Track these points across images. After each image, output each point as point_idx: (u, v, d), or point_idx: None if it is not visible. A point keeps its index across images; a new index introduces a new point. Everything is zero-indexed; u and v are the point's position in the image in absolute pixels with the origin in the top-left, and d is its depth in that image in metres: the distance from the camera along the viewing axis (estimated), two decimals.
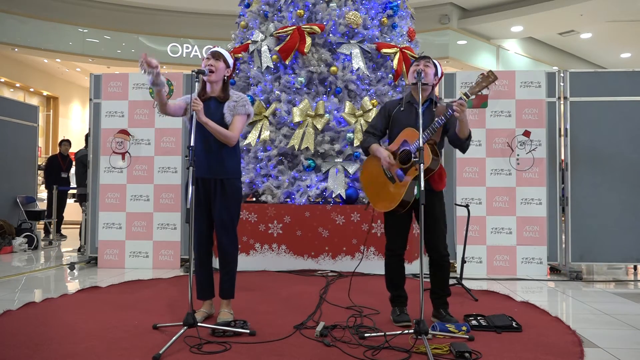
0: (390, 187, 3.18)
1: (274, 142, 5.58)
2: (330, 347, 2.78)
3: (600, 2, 11.37)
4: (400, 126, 3.26)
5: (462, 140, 3.17)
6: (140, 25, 13.36)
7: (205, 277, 3.35)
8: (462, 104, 2.99)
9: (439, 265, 3.26)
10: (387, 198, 3.19)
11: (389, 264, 3.35)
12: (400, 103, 3.35)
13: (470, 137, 3.21)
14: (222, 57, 3.27)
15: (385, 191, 3.21)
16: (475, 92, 3.11)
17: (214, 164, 3.21)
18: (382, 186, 3.23)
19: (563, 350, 2.77)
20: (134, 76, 5.84)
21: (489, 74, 3.09)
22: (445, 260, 3.26)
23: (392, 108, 3.38)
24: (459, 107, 2.98)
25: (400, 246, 3.29)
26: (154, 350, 2.63)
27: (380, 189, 3.24)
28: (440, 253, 3.23)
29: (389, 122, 3.37)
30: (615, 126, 5.40)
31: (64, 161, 8.83)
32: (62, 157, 8.86)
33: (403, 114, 3.29)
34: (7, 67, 13.33)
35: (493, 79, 3.09)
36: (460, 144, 3.21)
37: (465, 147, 3.24)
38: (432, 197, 3.19)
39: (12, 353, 2.64)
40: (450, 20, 12.86)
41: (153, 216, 5.63)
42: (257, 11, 6.07)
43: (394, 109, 3.36)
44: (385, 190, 3.21)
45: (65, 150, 8.96)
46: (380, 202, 3.24)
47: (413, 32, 6.20)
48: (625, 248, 5.33)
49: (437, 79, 3.35)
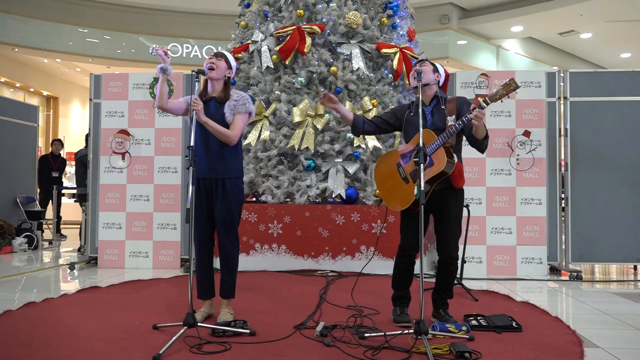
0: (404, 187, 3.18)
1: (274, 142, 5.58)
2: (330, 347, 2.78)
3: (600, 2, 11.37)
4: (413, 129, 3.23)
5: (479, 141, 3.15)
6: (140, 25, 13.36)
7: (205, 277, 3.34)
8: (479, 114, 2.93)
9: (446, 267, 3.23)
10: (400, 197, 3.18)
11: (399, 264, 3.32)
12: (410, 108, 3.34)
13: (487, 136, 3.17)
14: (224, 57, 3.28)
15: (399, 191, 3.20)
16: (495, 99, 3.01)
17: (215, 164, 3.21)
18: (396, 186, 3.23)
19: (563, 350, 2.77)
20: (134, 76, 5.84)
21: (510, 82, 2.99)
22: (454, 264, 3.24)
23: (402, 112, 3.37)
24: (476, 117, 2.93)
25: (413, 247, 3.25)
26: (154, 350, 2.62)
27: (394, 188, 3.24)
28: (450, 255, 3.20)
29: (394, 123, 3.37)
30: (615, 126, 5.40)
31: (54, 161, 8.91)
32: (53, 157, 8.96)
33: (415, 117, 3.25)
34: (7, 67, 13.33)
35: (514, 87, 2.98)
36: (478, 144, 3.18)
37: (484, 147, 3.21)
38: (450, 195, 3.18)
39: (12, 353, 2.64)
40: (450, 20, 12.86)
41: (153, 216, 5.63)
42: (257, 11, 6.07)
43: (404, 114, 3.35)
44: (399, 190, 3.20)
45: (56, 150, 9.05)
46: (393, 202, 3.23)
47: (413, 32, 6.20)
48: (625, 248, 5.33)
49: (438, 75, 3.32)
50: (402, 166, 3.23)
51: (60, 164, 9.02)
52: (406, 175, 3.19)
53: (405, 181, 3.18)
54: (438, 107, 3.26)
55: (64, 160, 9.27)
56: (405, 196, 3.15)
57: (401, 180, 3.21)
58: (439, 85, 3.33)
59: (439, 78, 3.33)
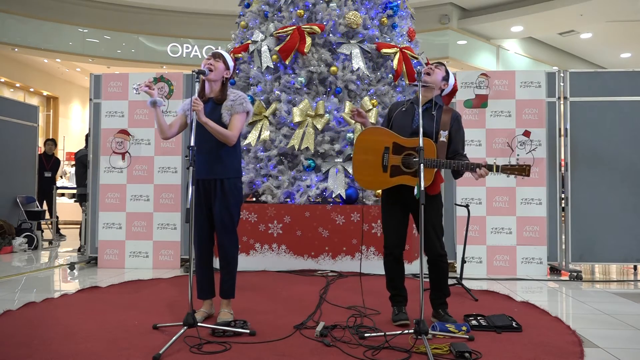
0: (379, 174, 3.16)
1: (274, 142, 5.58)
2: (330, 347, 2.78)
3: (600, 2, 11.37)
4: (396, 126, 3.26)
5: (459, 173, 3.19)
6: (140, 25, 13.36)
7: (205, 277, 3.34)
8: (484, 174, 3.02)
9: (436, 265, 3.25)
10: (370, 179, 3.20)
11: (385, 263, 3.36)
12: (403, 104, 3.35)
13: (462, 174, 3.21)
14: (222, 57, 3.28)
15: (373, 173, 3.18)
16: (505, 172, 3.02)
17: (214, 164, 3.21)
18: (372, 166, 3.19)
19: (563, 350, 2.77)
20: (134, 76, 5.84)
21: (525, 167, 2.99)
22: (443, 260, 3.24)
23: (394, 108, 3.39)
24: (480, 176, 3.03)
25: (396, 244, 3.27)
26: (154, 350, 2.62)
27: (369, 166, 3.20)
28: (437, 253, 3.21)
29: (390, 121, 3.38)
30: (615, 126, 5.40)
31: (47, 160, 8.91)
32: (46, 157, 8.96)
33: (401, 113, 3.29)
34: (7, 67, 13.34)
35: (527, 173, 2.99)
36: (456, 174, 3.21)
37: (458, 177, 3.26)
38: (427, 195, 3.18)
39: (12, 353, 2.64)
40: (450, 20, 12.86)
41: (153, 216, 5.63)
42: (257, 11, 6.07)
43: (396, 109, 3.36)
44: (374, 173, 3.18)
45: (49, 149, 9.05)
46: (361, 175, 3.23)
47: (413, 32, 6.20)
48: (625, 248, 5.33)
49: (445, 84, 3.32)
50: (389, 153, 3.16)
51: (54, 164, 9.01)
52: (388, 165, 3.15)
53: (384, 169, 3.15)
54: (429, 111, 3.25)
55: (58, 160, 9.26)
56: (375, 182, 3.19)
57: (380, 165, 3.17)
58: (441, 93, 3.34)
59: (445, 87, 3.33)
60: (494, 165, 3.00)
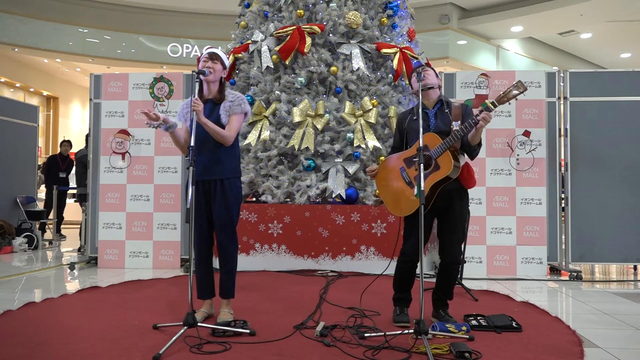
0: (409, 192, 3.12)
1: (274, 142, 5.58)
2: (330, 347, 2.78)
3: (600, 2, 11.38)
4: (413, 134, 3.20)
5: (472, 147, 3.14)
6: (140, 25, 13.37)
7: (205, 277, 3.34)
8: (487, 117, 2.94)
9: (449, 270, 3.22)
10: (406, 203, 3.13)
11: (400, 269, 3.29)
12: (412, 112, 3.31)
13: (480, 144, 3.17)
14: (219, 58, 3.28)
15: (404, 196, 3.15)
16: (503, 102, 3.00)
17: (213, 165, 3.22)
18: (400, 191, 3.18)
19: (563, 350, 2.77)
20: (134, 76, 5.84)
21: (518, 85, 2.98)
22: (455, 268, 3.23)
23: (404, 119, 3.34)
24: (484, 119, 2.94)
25: (416, 253, 3.18)
26: (154, 350, 2.62)
27: (398, 194, 3.19)
28: (454, 259, 3.19)
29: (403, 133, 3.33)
30: (615, 126, 5.40)
31: (63, 161, 8.89)
32: (62, 158, 8.93)
33: (414, 122, 3.22)
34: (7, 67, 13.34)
35: (523, 90, 2.98)
36: (471, 151, 3.17)
37: (475, 154, 3.20)
38: (456, 197, 3.16)
39: (12, 353, 2.64)
40: (450, 20, 12.87)
41: (153, 216, 5.63)
42: (257, 11, 6.07)
43: (406, 120, 3.32)
44: (404, 195, 3.15)
45: (65, 150, 9.03)
46: (398, 207, 3.19)
47: (413, 32, 6.20)
48: (625, 248, 5.33)
49: (440, 79, 3.34)
50: (405, 170, 3.18)
51: (69, 165, 9.01)
52: (410, 179, 3.14)
53: (410, 186, 3.13)
54: (442, 110, 3.23)
55: (72, 162, 9.22)
56: (411, 201, 3.10)
57: (405, 184, 3.16)
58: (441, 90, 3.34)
59: (441, 82, 3.34)
60: (491, 103, 2.97)
